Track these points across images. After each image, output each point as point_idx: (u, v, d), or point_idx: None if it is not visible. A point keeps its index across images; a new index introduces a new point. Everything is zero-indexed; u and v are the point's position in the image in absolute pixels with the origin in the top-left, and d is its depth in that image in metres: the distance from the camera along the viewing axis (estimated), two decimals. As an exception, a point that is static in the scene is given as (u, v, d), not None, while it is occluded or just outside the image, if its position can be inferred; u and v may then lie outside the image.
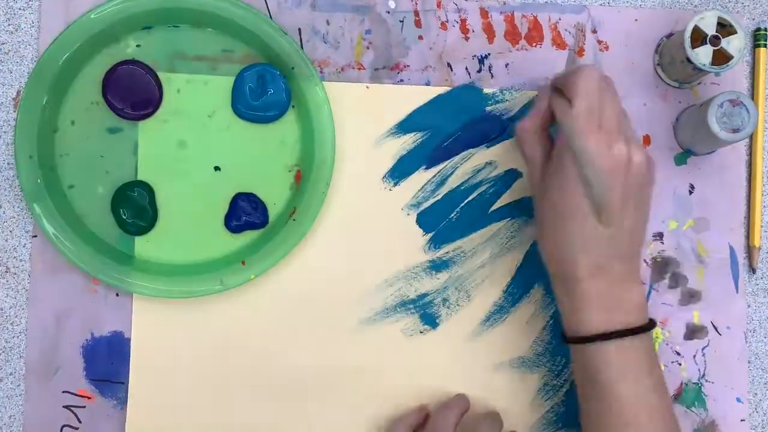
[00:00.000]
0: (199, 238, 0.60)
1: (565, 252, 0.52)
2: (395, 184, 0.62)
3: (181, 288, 0.58)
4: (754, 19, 0.64)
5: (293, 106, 0.61)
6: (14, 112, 0.61)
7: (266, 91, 0.60)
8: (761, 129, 0.63)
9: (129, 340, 0.60)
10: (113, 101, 0.59)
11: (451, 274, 0.62)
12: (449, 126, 0.62)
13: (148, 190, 0.60)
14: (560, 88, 0.54)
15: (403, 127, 0.62)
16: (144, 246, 0.60)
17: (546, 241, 0.54)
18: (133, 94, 0.60)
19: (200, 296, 0.59)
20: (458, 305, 0.62)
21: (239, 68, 0.60)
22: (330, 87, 0.61)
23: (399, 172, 0.62)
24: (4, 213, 0.61)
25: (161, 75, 0.60)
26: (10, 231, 0.61)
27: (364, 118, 0.62)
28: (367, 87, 0.62)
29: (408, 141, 0.62)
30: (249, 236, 0.60)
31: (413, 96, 0.62)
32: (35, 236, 0.60)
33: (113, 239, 0.60)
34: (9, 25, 0.62)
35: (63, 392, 0.59)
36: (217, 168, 0.61)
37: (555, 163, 0.53)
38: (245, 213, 0.60)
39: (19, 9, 0.62)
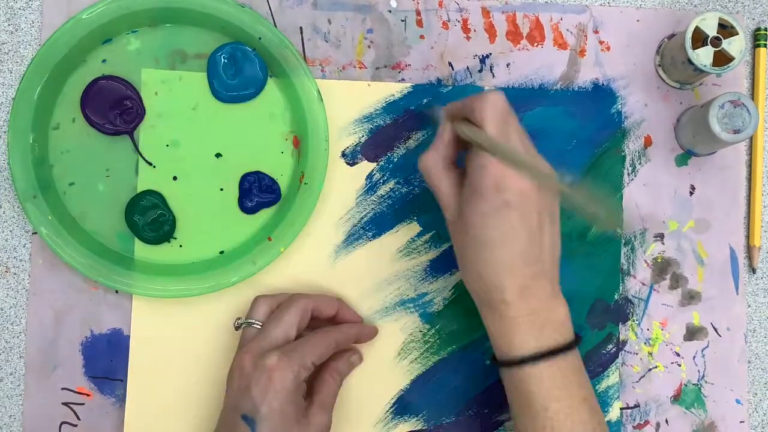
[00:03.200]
0: (220, 229, 0.60)
1: (492, 276, 0.51)
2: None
3: (212, 282, 0.59)
4: (754, 19, 0.64)
5: (272, 76, 0.61)
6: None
7: (240, 68, 0.60)
8: (761, 129, 0.63)
9: (128, 337, 0.60)
10: (94, 119, 0.60)
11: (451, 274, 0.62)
12: None
13: (158, 197, 0.60)
14: (463, 116, 0.52)
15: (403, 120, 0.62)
16: (163, 249, 0.60)
17: (470, 268, 0.52)
18: (112, 109, 0.60)
19: (234, 285, 0.59)
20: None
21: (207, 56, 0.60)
22: (330, 85, 0.61)
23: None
24: (4, 213, 0.61)
25: (134, 81, 0.60)
26: (10, 231, 0.60)
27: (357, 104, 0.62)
28: (369, 85, 0.62)
29: (406, 137, 0.62)
30: (266, 212, 0.61)
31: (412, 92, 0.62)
32: (35, 233, 0.60)
33: (113, 241, 0.60)
34: (9, 25, 0.62)
35: (62, 389, 0.59)
36: (218, 155, 0.61)
37: (471, 188, 0.51)
38: (256, 191, 0.60)
39: (19, 9, 0.62)
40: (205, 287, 0.59)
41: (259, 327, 0.56)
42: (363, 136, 0.62)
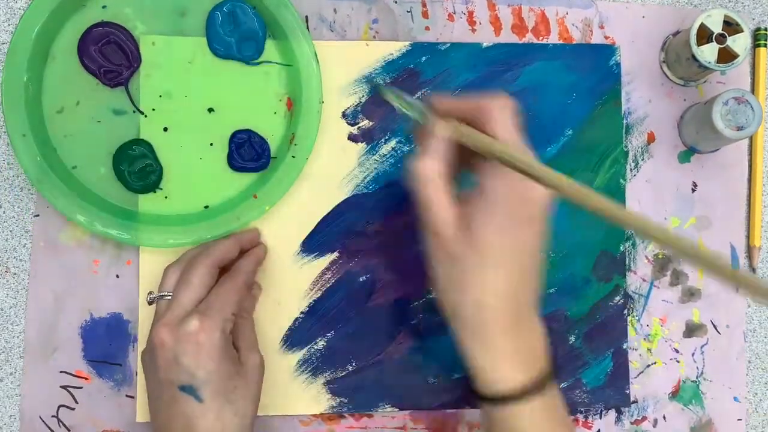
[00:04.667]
0: (206, 183, 0.60)
1: (493, 301, 0.46)
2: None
3: (197, 235, 0.59)
4: (754, 19, 0.64)
5: (270, 36, 0.61)
6: None
7: (239, 24, 0.60)
8: (762, 128, 0.63)
9: (128, 322, 0.60)
10: (89, 64, 0.59)
11: None
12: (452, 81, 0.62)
13: (147, 146, 0.59)
14: (464, 118, 0.48)
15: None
16: (150, 202, 0.60)
17: (465, 290, 0.47)
18: (110, 56, 0.59)
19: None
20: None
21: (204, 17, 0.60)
22: (328, 46, 0.62)
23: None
24: (4, 213, 0.61)
25: (132, 29, 0.60)
26: (10, 231, 0.60)
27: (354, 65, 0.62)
28: (367, 44, 0.62)
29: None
30: (255, 172, 0.61)
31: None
32: (38, 215, 0.60)
33: (118, 200, 0.60)
34: (9, 25, 0.62)
35: (60, 372, 0.59)
36: (210, 110, 0.60)
37: (488, 201, 0.46)
38: (246, 149, 0.60)
39: (19, 9, 0.62)
40: (187, 241, 0.58)
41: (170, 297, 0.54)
42: (363, 96, 0.62)
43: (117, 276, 0.60)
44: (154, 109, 0.60)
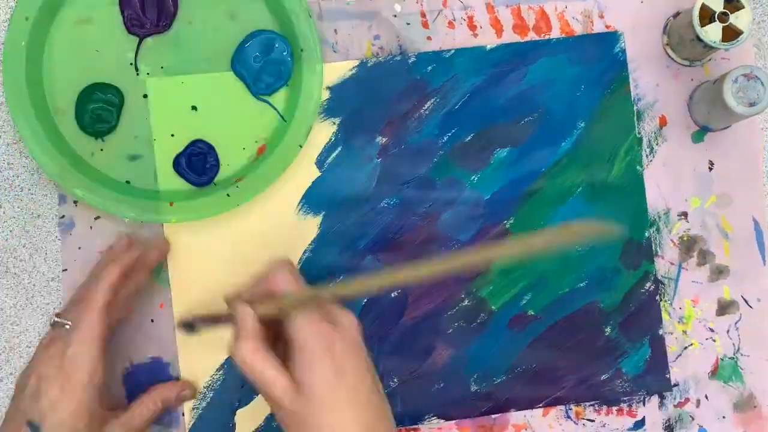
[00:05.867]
0: (149, 165, 0.61)
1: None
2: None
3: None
4: None
5: (287, 85, 0.61)
6: None
7: (269, 60, 0.60)
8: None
9: (168, 364, 0.60)
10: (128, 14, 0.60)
11: None
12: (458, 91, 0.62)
13: (118, 94, 0.60)
14: (253, 299, 0.51)
15: None
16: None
17: None
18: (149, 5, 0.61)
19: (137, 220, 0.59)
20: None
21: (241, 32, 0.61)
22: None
23: None
24: (4, 213, 0.61)
25: None
26: (10, 231, 0.60)
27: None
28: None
29: None
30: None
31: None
32: (65, 269, 0.60)
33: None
34: (8, 24, 0.61)
35: (107, 422, 0.60)
36: (194, 108, 0.61)
37: (306, 356, 0.48)
38: (197, 161, 0.60)
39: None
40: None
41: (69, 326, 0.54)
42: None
43: (152, 321, 0.60)
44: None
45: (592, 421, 0.62)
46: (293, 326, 0.49)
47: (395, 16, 0.62)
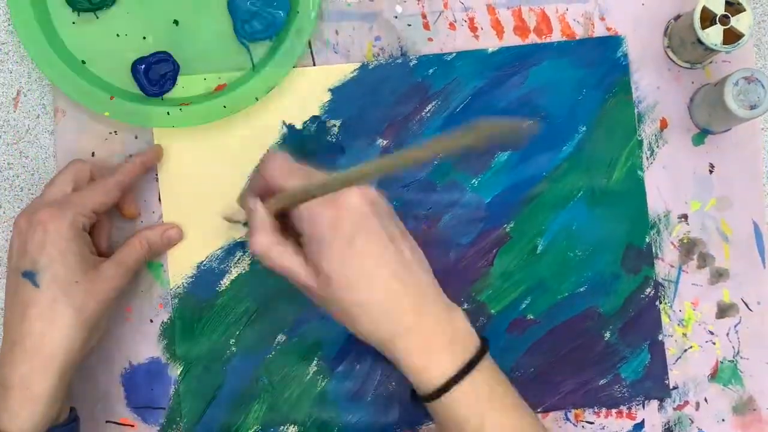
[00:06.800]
0: (112, 56, 0.61)
1: (382, 315, 0.49)
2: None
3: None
4: None
5: (271, 40, 0.61)
6: (14, 111, 0.61)
7: (264, 9, 0.61)
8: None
9: (167, 365, 0.60)
10: None
11: None
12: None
13: None
14: (262, 191, 0.52)
15: None
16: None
17: (359, 321, 0.49)
18: None
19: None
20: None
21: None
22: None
23: None
24: (3, 213, 0.61)
25: None
26: (11, 231, 0.60)
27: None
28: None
29: None
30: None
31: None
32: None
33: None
34: (9, 25, 0.61)
35: (106, 422, 0.60)
36: (175, 22, 0.61)
37: (315, 243, 0.49)
38: (155, 69, 0.60)
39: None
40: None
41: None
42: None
43: (151, 321, 0.60)
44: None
45: (592, 423, 0.62)
46: (298, 216, 0.50)
47: (396, 17, 0.62)
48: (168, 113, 0.59)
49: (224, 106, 0.60)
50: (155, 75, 0.60)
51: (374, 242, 0.49)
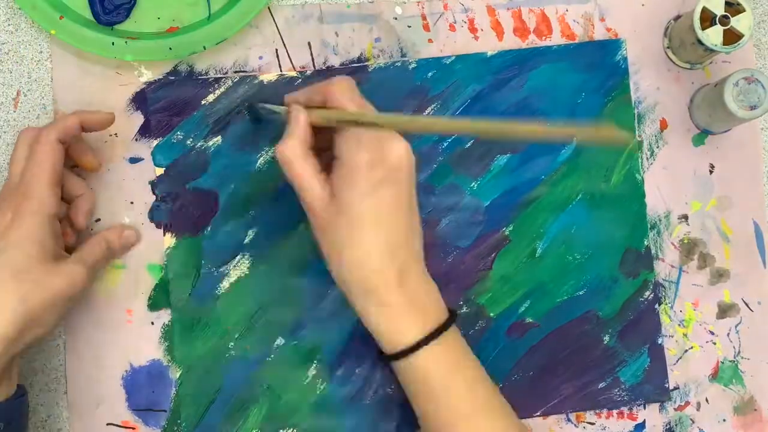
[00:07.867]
0: None
1: (374, 260, 0.50)
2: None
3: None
4: None
5: None
6: (14, 111, 0.61)
7: None
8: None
9: (168, 366, 0.60)
10: None
11: None
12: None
13: None
14: (313, 104, 0.53)
15: None
16: None
17: (347, 255, 0.50)
18: None
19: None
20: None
21: None
22: None
23: None
24: None
25: None
26: None
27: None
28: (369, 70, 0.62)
29: None
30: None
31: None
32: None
33: None
34: (9, 25, 0.61)
35: (107, 425, 0.59)
36: None
37: (346, 169, 0.50)
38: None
39: (19, 9, 0.61)
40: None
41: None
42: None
43: (152, 323, 0.60)
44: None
45: (593, 424, 0.62)
46: (343, 140, 0.51)
47: (396, 18, 0.62)
48: (113, 44, 0.59)
49: (170, 48, 0.60)
50: (110, 4, 0.60)
51: (396, 197, 0.50)
